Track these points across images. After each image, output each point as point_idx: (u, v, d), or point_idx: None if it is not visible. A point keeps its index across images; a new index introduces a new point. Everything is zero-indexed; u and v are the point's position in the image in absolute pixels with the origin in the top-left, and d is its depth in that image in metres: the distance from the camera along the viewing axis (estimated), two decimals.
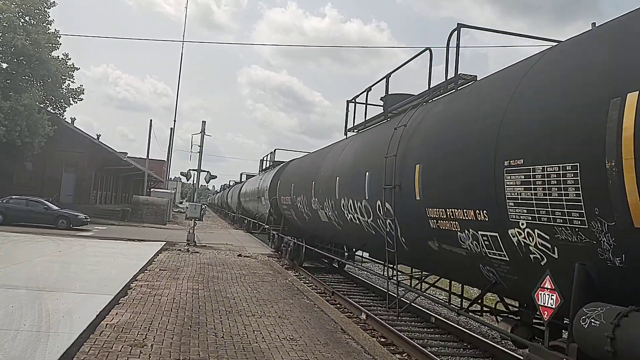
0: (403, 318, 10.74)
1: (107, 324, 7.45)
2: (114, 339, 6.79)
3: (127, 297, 9.58)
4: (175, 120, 50.32)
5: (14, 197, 25.56)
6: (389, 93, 10.68)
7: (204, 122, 24.34)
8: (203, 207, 25.79)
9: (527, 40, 6.84)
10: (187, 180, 27.54)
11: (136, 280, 11.47)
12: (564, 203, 4.59)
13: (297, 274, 15.75)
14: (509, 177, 5.31)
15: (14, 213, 24.24)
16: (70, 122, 38.85)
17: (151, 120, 37.92)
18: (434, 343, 8.86)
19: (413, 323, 10.40)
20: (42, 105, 29.95)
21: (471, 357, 8.30)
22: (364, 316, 10.15)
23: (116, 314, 8.17)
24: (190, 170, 24.98)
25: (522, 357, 7.94)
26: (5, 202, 24.77)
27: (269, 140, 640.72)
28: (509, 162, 5.31)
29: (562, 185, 4.61)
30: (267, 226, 22.58)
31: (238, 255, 18.87)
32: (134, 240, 20.93)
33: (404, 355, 7.85)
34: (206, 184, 27.80)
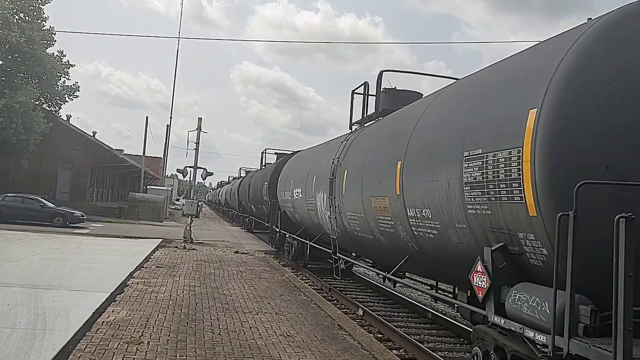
0: (400, 314, 10.76)
1: (103, 322, 7.44)
2: (111, 336, 6.77)
3: (123, 294, 9.56)
4: (171, 117, 50.49)
5: (9, 194, 25.47)
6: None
7: (200, 119, 24.31)
8: (200, 204, 25.74)
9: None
10: (184, 177, 27.48)
11: (133, 277, 11.45)
12: None
13: (294, 270, 15.76)
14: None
15: (10, 211, 24.15)
16: (65, 119, 38.72)
17: (147, 117, 37.92)
18: (431, 339, 8.88)
19: (410, 319, 10.41)
20: (37, 103, 29.81)
21: (468, 352, 8.31)
22: (360, 312, 10.16)
23: (112, 311, 8.15)
24: (186, 167, 24.93)
25: None
26: (0, 200, 24.67)
27: (264, 137, 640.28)
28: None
29: None
30: None
31: (235, 252, 18.86)
32: (130, 237, 20.88)
33: (400, 351, 7.85)
34: (202, 181, 27.78)
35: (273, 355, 6.57)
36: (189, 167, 24.68)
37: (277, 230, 18.13)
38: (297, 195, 15.13)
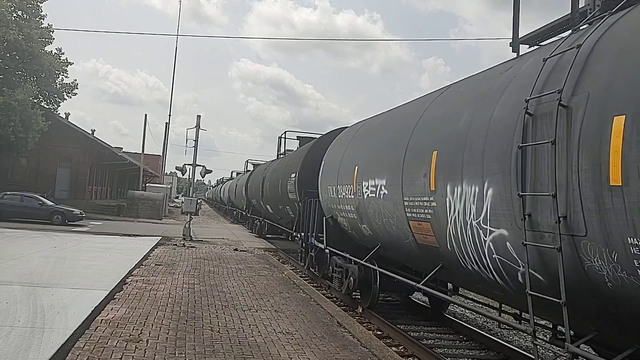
0: (400, 311, 10.77)
1: (102, 320, 7.44)
2: (110, 334, 6.77)
3: (122, 292, 9.56)
4: (170, 115, 50.59)
5: (8, 192, 25.47)
6: None
7: (199, 117, 24.28)
8: (199, 201, 25.75)
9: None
10: (183, 175, 27.49)
11: (132, 275, 11.45)
12: None
13: (293, 267, 15.75)
14: None
15: (9, 209, 24.14)
16: (64, 117, 38.68)
17: (146, 115, 37.92)
18: (430, 336, 8.89)
19: (409, 316, 10.42)
20: (35, 101, 29.76)
21: (467, 349, 8.33)
22: (360, 309, 10.16)
23: (112, 309, 8.15)
24: (185, 164, 24.94)
25: (515, 348, 7.98)
26: None
27: (263, 134, 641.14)
28: None
29: None
30: None
31: (234, 250, 18.86)
32: (129, 235, 20.88)
33: (400, 348, 7.87)
34: (202, 179, 27.77)
35: (272, 353, 6.57)
36: (188, 164, 24.69)
37: (321, 246, 11.92)
38: (370, 192, 8.93)
